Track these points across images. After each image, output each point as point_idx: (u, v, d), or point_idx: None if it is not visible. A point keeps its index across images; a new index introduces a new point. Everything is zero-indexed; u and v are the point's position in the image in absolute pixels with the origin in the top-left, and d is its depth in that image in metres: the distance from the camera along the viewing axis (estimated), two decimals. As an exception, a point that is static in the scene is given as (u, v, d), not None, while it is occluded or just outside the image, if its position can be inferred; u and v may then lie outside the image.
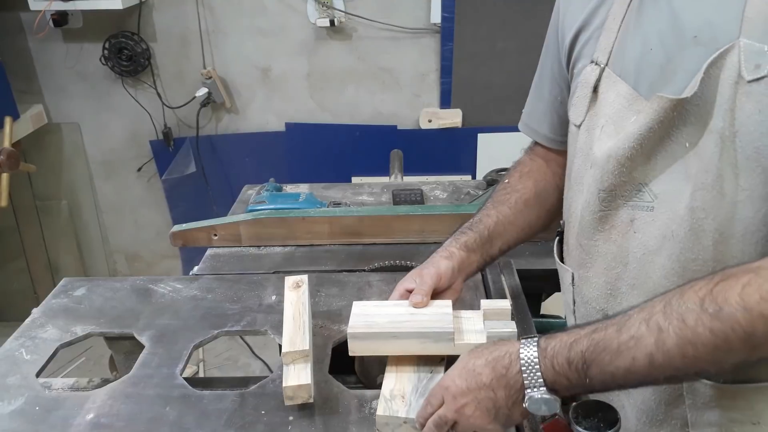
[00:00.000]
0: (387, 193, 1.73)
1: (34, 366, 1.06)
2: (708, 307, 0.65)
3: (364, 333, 0.92)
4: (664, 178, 0.81)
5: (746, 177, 0.73)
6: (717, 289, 0.66)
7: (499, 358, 0.78)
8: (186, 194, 2.89)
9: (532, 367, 0.75)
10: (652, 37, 0.80)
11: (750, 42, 0.70)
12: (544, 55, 1.06)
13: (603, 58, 0.87)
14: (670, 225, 0.81)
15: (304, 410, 0.94)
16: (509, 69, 2.60)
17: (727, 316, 0.64)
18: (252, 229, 1.47)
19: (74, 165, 2.95)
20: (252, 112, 2.81)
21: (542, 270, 1.35)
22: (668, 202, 0.81)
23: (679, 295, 0.69)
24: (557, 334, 0.76)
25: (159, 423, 0.93)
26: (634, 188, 0.84)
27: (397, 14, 2.56)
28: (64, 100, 2.82)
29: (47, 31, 2.57)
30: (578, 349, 0.72)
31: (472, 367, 0.80)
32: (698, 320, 0.65)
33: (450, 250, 1.05)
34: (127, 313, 1.19)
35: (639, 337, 0.69)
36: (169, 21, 2.64)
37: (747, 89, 0.71)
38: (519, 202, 1.10)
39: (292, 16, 2.60)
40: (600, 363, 0.71)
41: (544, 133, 1.09)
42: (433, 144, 2.77)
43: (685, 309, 0.67)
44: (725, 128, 0.73)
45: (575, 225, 0.94)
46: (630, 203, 0.85)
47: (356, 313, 0.97)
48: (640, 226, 0.84)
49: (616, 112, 0.84)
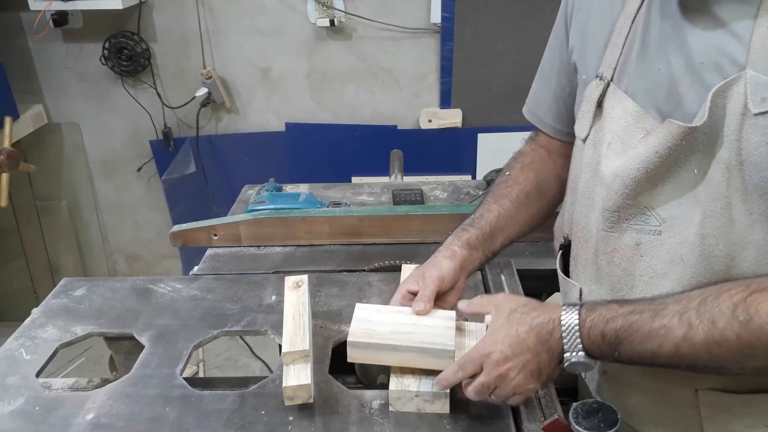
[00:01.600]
0: (387, 193, 1.73)
1: (34, 366, 1.06)
2: (739, 315, 0.69)
3: (364, 342, 0.92)
4: (673, 203, 0.81)
5: (754, 202, 0.74)
6: (751, 298, 0.69)
7: (543, 324, 0.82)
8: (186, 194, 2.89)
9: (573, 334, 0.79)
10: (659, 57, 0.80)
11: (756, 74, 0.70)
12: (552, 44, 1.04)
13: (608, 73, 0.87)
14: (679, 249, 0.81)
15: (304, 410, 0.94)
16: (509, 69, 2.59)
17: (755, 326, 0.68)
18: (252, 229, 1.47)
19: (74, 165, 2.95)
20: (252, 112, 2.81)
21: (542, 270, 1.35)
22: (677, 227, 0.81)
23: (715, 295, 0.72)
24: (597, 307, 0.80)
25: (159, 423, 0.93)
26: (640, 212, 0.84)
27: (397, 14, 2.56)
28: (64, 100, 2.82)
29: (47, 31, 2.57)
30: (613, 326, 0.77)
31: (516, 333, 0.83)
32: (728, 325, 0.70)
33: (452, 249, 1.04)
34: (127, 313, 1.19)
35: (670, 327, 0.73)
36: (169, 21, 2.64)
37: (753, 121, 0.71)
38: (521, 195, 1.09)
39: (292, 16, 2.60)
40: (630, 342, 0.76)
41: (550, 123, 1.08)
42: (433, 144, 2.77)
43: (717, 311, 0.71)
44: (731, 158, 0.73)
45: (585, 241, 0.94)
46: (635, 227, 0.85)
47: (358, 318, 0.96)
48: (647, 250, 0.84)
49: (623, 129, 0.84)
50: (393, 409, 0.93)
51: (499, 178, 1.14)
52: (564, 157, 1.08)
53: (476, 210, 1.11)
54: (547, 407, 0.91)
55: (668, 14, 0.79)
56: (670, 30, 0.78)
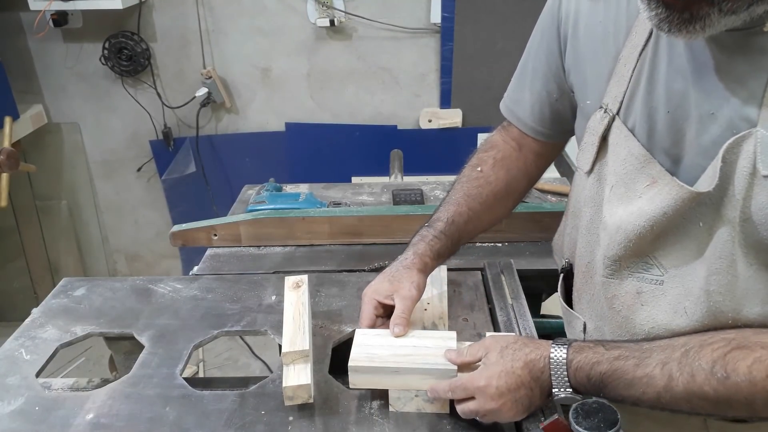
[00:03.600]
0: (387, 193, 1.73)
1: (33, 366, 1.06)
2: (717, 372, 0.70)
3: (365, 367, 0.92)
4: (676, 254, 0.79)
5: (754, 255, 0.74)
6: (730, 355, 0.70)
7: (536, 360, 0.83)
8: (186, 194, 2.89)
9: (561, 372, 0.81)
10: (667, 100, 0.77)
11: (766, 134, 0.68)
12: (537, 46, 1.00)
13: (613, 107, 0.83)
14: (683, 302, 0.79)
15: (304, 410, 0.94)
16: (509, 69, 2.57)
17: (732, 384, 0.69)
18: (252, 229, 1.47)
19: (74, 165, 2.95)
20: (252, 112, 2.81)
21: (542, 270, 1.35)
22: (680, 277, 0.79)
23: (698, 348, 0.73)
24: (584, 348, 0.81)
25: (159, 423, 0.93)
26: (641, 260, 0.82)
27: (397, 14, 2.56)
28: (64, 100, 2.82)
29: (47, 31, 2.57)
30: (599, 370, 0.78)
31: (512, 369, 0.83)
32: (706, 380, 0.71)
33: (424, 261, 1.04)
34: (126, 313, 1.19)
35: (652, 376, 0.75)
36: (169, 21, 2.64)
37: (762, 183, 0.69)
38: (490, 196, 1.09)
39: (292, 16, 2.60)
40: (614, 387, 0.78)
41: (530, 123, 1.06)
42: (433, 144, 2.77)
43: (697, 366, 0.72)
44: (737, 216, 0.72)
45: (590, 277, 0.92)
46: (637, 275, 0.83)
47: (358, 343, 0.96)
48: (648, 299, 0.83)
49: (628, 174, 0.81)
50: (393, 409, 0.93)
51: (470, 170, 1.12)
52: (536, 154, 1.09)
53: (448, 207, 1.09)
54: (547, 407, 0.91)
55: (677, 55, 0.75)
56: (679, 74, 0.75)
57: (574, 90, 0.95)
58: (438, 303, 1.12)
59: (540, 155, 1.10)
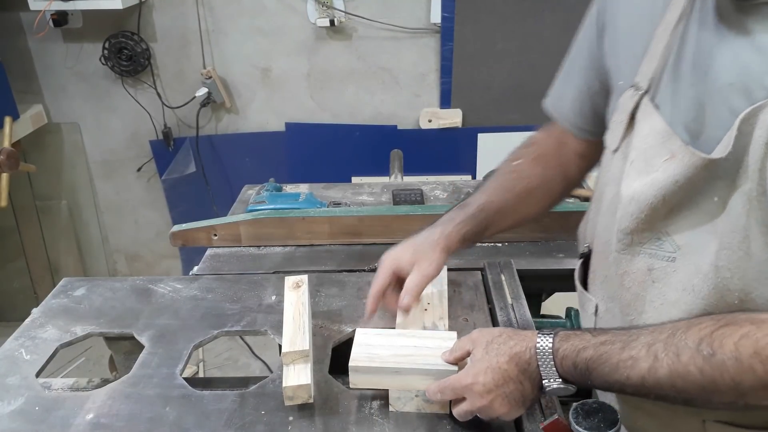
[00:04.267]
0: (387, 193, 1.73)
1: (33, 366, 1.06)
2: (703, 349, 0.68)
3: (365, 367, 0.92)
4: (690, 231, 0.78)
5: None
6: (717, 333, 0.68)
7: (521, 352, 0.81)
8: (186, 194, 2.89)
9: (548, 362, 0.79)
10: (691, 74, 0.77)
11: None
12: (580, 38, 1.01)
13: (644, 84, 0.83)
14: (692, 279, 0.78)
15: (304, 410, 0.94)
16: (509, 69, 2.59)
17: (718, 362, 0.66)
18: (252, 229, 1.47)
19: (74, 165, 2.95)
20: (252, 112, 2.81)
21: (542, 270, 1.35)
22: (692, 255, 0.78)
23: (685, 328, 0.71)
24: (571, 336, 0.79)
25: (159, 423, 0.93)
26: (654, 236, 0.81)
27: (397, 14, 2.56)
28: (64, 100, 2.82)
29: (47, 31, 2.57)
30: (584, 356, 0.76)
31: (497, 364, 0.82)
32: (692, 359, 0.68)
33: (450, 242, 1.04)
34: (126, 313, 1.19)
35: (637, 359, 0.72)
36: (169, 21, 2.64)
37: None
38: (523, 192, 1.08)
39: (292, 16, 2.60)
40: (600, 373, 0.75)
41: (571, 119, 1.06)
42: (433, 144, 2.77)
43: (683, 345, 0.69)
44: (753, 189, 0.70)
45: (606, 257, 0.91)
46: (649, 251, 0.82)
47: (359, 343, 0.96)
48: (660, 276, 0.81)
49: (649, 148, 0.81)
50: (393, 409, 0.93)
51: (508, 164, 1.12)
52: (577, 154, 1.07)
53: (480, 194, 1.09)
54: (547, 407, 0.91)
55: (705, 27, 0.75)
56: (706, 45, 0.75)
57: (610, 73, 0.94)
58: (438, 303, 1.12)
59: (582, 156, 1.09)
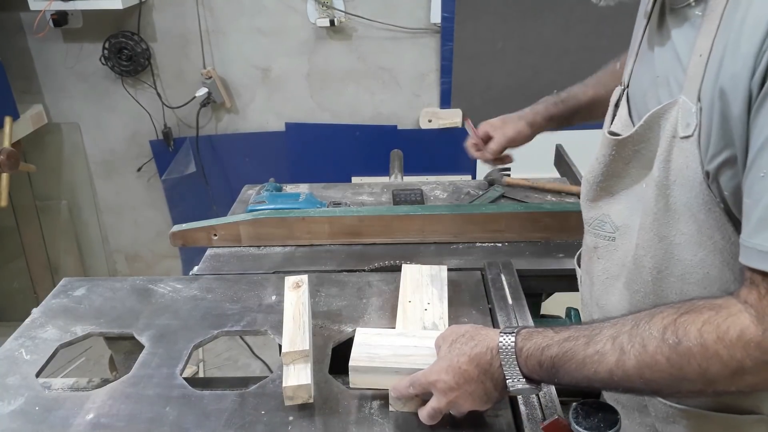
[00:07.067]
0: (387, 193, 1.73)
1: (34, 366, 1.06)
2: (669, 338, 0.68)
3: (365, 366, 0.93)
4: (625, 213, 0.89)
5: (684, 223, 0.78)
6: (680, 320, 0.68)
7: (482, 353, 0.82)
8: (186, 194, 2.89)
9: (511, 363, 0.79)
10: (645, 66, 0.87)
11: (686, 100, 0.74)
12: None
13: (626, 79, 0.94)
14: (626, 256, 0.88)
15: (304, 410, 0.94)
16: (509, 69, 2.59)
17: (684, 350, 0.67)
18: (252, 229, 1.47)
19: (74, 165, 2.95)
20: (252, 112, 2.81)
21: (542, 270, 1.35)
22: (628, 235, 0.88)
23: (647, 318, 0.71)
24: (534, 334, 0.80)
25: (159, 423, 0.93)
26: (598, 218, 0.93)
27: (397, 14, 2.56)
28: (64, 100, 2.82)
29: (47, 31, 2.57)
30: (549, 354, 0.76)
31: (457, 364, 0.83)
32: (658, 348, 0.68)
33: (536, 117, 1.27)
34: (126, 313, 1.19)
35: (603, 353, 0.72)
36: (169, 21, 2.64)
37: (680, 145, 0.75)
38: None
39: (292, 16, 2.60)
40: (567, 370, 0.75)
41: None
42: (433, 144, 2.77)
43: (648, 335, 0.70)
44: (662, 178, 0.78)
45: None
46: (594, 231, 0.94)
47: (359, 343, 0.97)
48: (603, 253, 0.93)
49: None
50: (393, 409, 0.93)
51: (614, 63, 1.22)
52: None
53: (578, 85, 1.27)
54: (547, 407, 0.91)
55: (654, 24, 0.86)
56: (653, 40, 0.85)
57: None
58: (438, 303, 1.13)
59: None
